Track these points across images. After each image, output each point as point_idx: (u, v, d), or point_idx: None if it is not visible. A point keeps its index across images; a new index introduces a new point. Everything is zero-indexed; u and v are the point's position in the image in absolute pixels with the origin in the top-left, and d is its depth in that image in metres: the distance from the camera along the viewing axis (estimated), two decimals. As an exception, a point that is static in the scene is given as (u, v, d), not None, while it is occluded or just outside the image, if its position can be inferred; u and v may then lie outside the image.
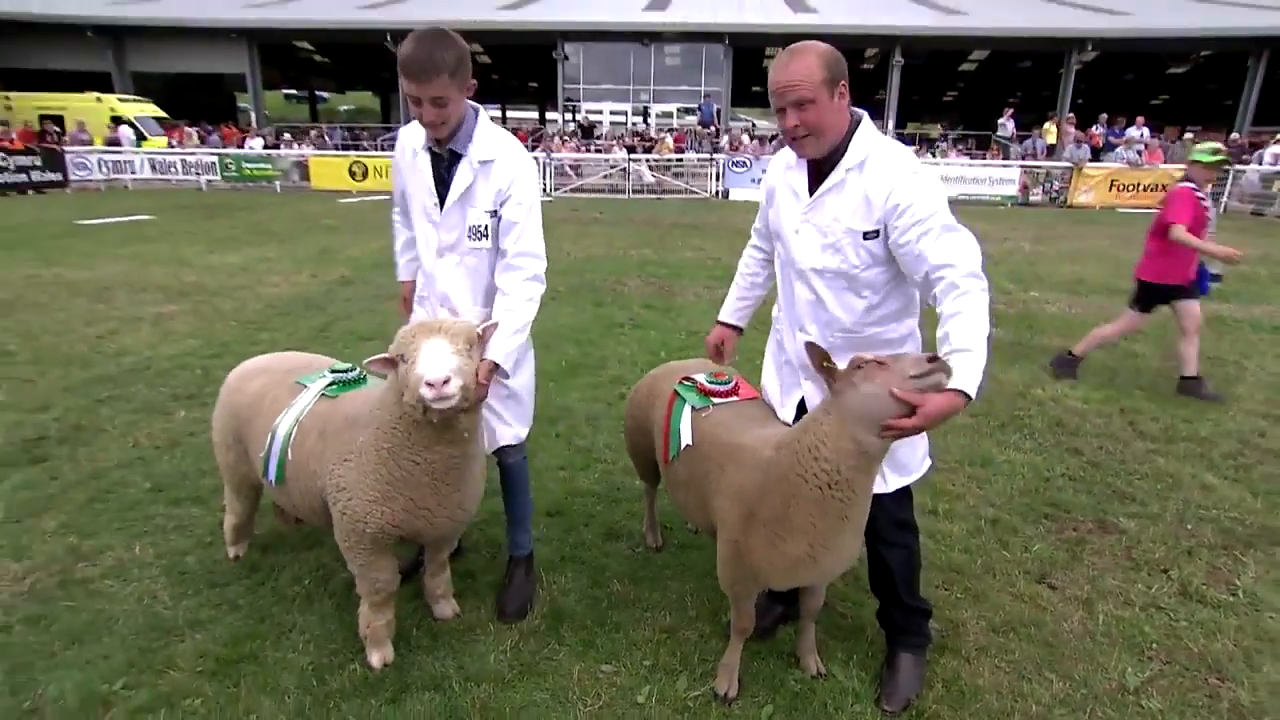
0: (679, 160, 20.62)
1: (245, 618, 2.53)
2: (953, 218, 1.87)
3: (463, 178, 2.27)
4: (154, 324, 6.23)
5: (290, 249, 10.32)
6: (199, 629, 2.46)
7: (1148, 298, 4.91)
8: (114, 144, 21.07)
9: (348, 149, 23.82)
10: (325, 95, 42.93)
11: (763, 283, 2.50)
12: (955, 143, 24.18)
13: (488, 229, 2.31)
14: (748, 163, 19.12)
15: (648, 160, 20.39)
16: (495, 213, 2.30)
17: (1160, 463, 3.88)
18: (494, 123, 2.36)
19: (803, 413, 2.15)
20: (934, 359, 1.69)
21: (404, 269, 2.71)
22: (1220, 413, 4.57)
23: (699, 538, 3.03)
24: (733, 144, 21.60)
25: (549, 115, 35.51)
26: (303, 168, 20.63)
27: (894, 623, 2.32)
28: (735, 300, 2.53)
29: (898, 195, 1.88)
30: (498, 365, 2.10)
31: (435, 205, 2.33)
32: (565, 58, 26.01)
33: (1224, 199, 16.60)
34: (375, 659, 2.31)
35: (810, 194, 2.04)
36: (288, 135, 24.39)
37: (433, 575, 2.55)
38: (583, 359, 5.45)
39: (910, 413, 1.67)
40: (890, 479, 2.12)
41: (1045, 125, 22.20)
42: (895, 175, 1.90)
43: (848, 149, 1.96)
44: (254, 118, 26.84)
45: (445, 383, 1.84)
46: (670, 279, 8.53)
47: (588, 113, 27.71)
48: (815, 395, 2.13)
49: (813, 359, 1.85)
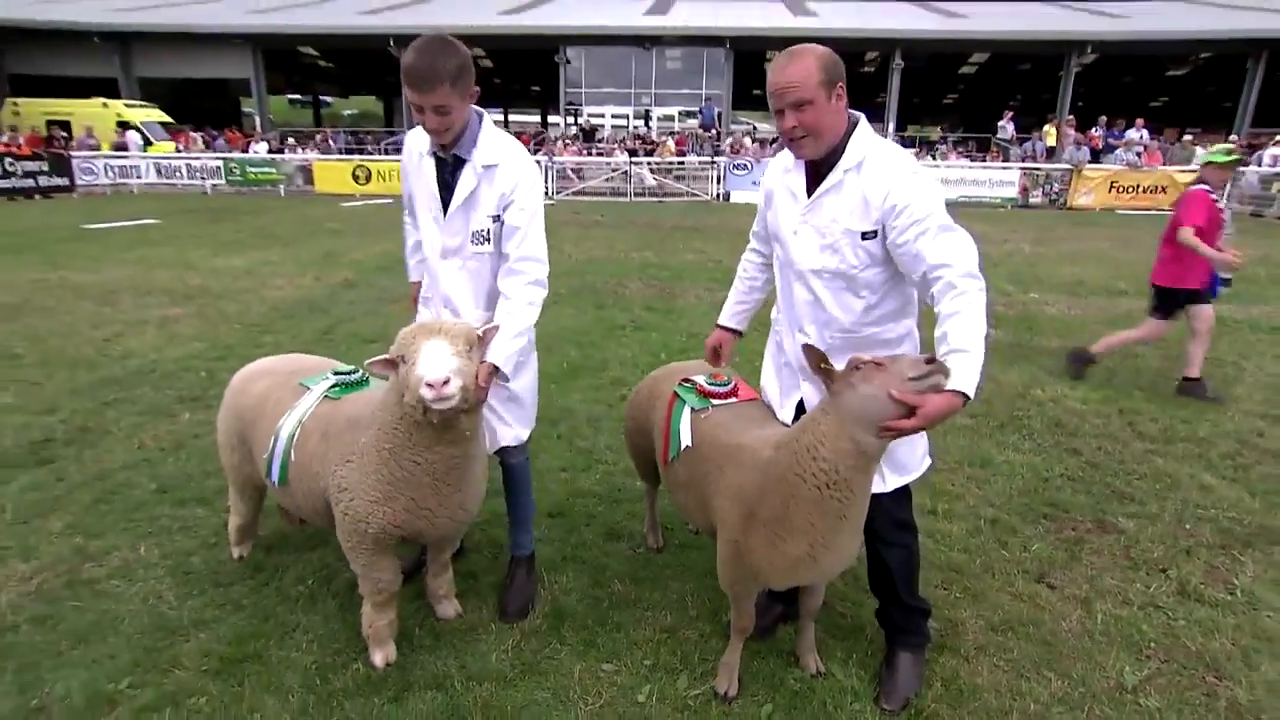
0: (680, 163, 20.65)
1: (249, 617, 2.54)
2: (950, 218, 1.88)
3: (466, 183, 2.29)
4: (159, 327, 6.26)
5: (294, 252, 10.35)
6: (204, 628, 2.48)
7: (1166, 303, 4.85)
8: (121, 149, 21.17)
9: (352, 153, 23.92)
10: (329, 100, 43.07)
11: (761, 287, 2.51)
12: (955, 145, 24.18)
13: (490, 233, 2.32)
14: (749, 165, 19.14)
15: (649, 163, 20.43)
16: (498, 218, 2.31)
17: (1159, 463, 3.88)
18: (497, 127, 2.38)
19: (802, 414, 2.15)
20: (932, 361, 1.70)
21: (414, 270, 2.73)
22: (1219, 413, 4.57)
23: (699, 538, 3.04)
24: (734, 147, 21.64)
25: (551, 119, 35.60)
26: (306, 172, 20.74)
27: (893, 622, 2.32)
28: (734, 304, 2.54)
29: (895, 196, 1.89)
30: (498, 368, 2.12)
31: (439, 210, 2.35)
32: (567, 62, 26.09)
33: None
34: (378, 658, 2.33)
35: (808, 195, 2.05)
36: (292, 139, 24.51)
37: (435, 575, 2.56)
38: (584, 361, 5.46)
39: (909, 414, 1.68)
40: (889, 478, 2.12)
41: (1045, 127, 22.20)
42: (893, 176, 1.91)
43: (845, 150, 1.97)
44: (258, 122, 26.95)
45: (445, 384, 1.86)
46: (671, 281, 8.53)
47: (589, 116, 27.77)
48: (814, 396, 2.13)
49: (809, 361, 1.86)
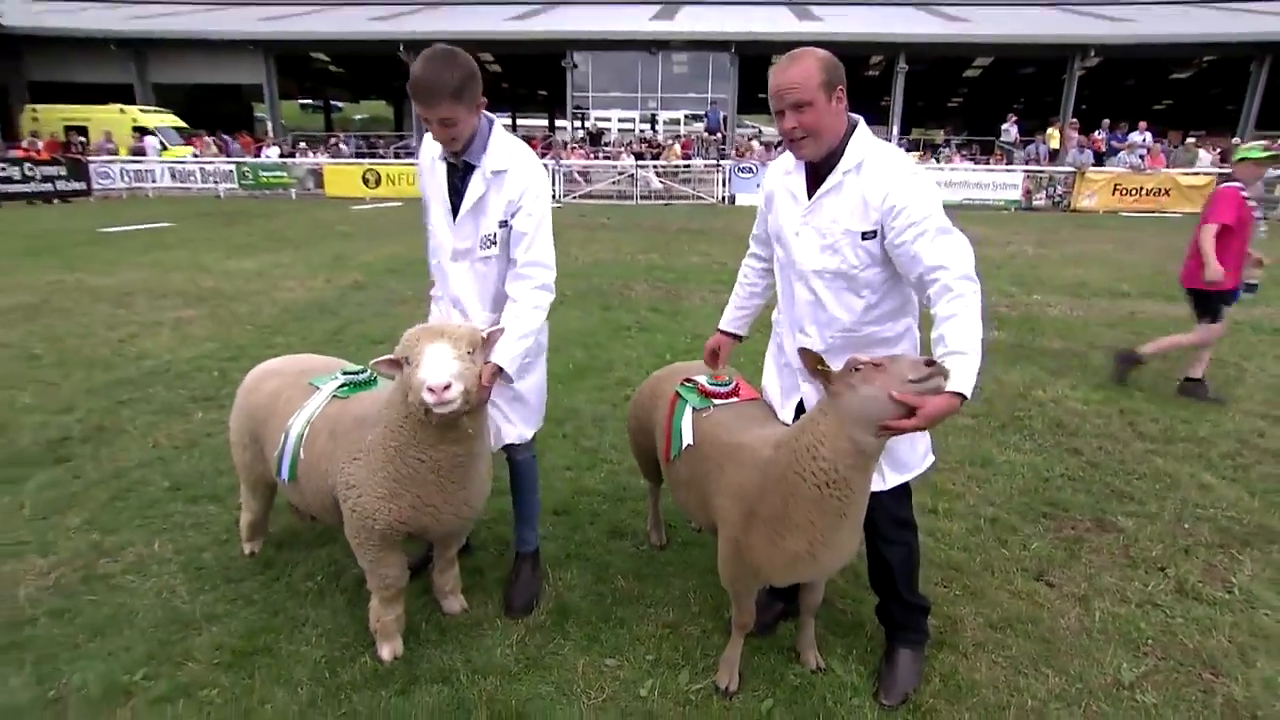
0: (686, 166, 20.71)
1: (260, 612, 2.59)
2: (947, 220, 1.91)
3: (475, 189, 2.33)
4: (173, 328, 6.35)
5: (305, 255, 10.43)
6: (215, 623, 2.53)
7: (1206, 305, 4.73)
8: (139, 153, 21.42)
9: (362, 157, 24.10)
10: (340, 105, 43.32)
11: (761, 292, 2.54)
12: (959, 148, 24.15)
13: (497, 238, 2.37)
14: (754, 168, 19.16)
15: (655, 166, 20.48)
16: (506, 223, 2.35)
17: (1159, 463, 3.89)
18: (507, 131, 2.41)
19: (802, 414, 2.17)
20: (931, 363, 1.72)
21: (435, 269, 2.77)
22: (1219, 414, 4.56)
23: (701, 536, 3.06)
24: (739, 150, 21.66)
25: (558, 123, 35.68)
26: (318, 175, 20.92)
27: (893, 619, 2.34)
28: (734, 309, 2.57)
29: (894, 197, 1.91)
30: (502, 369, 2.16)
31: (450, 213, 2.40)
32: (574, 66, 26.15)
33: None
34: (385, 652, 2.36)
35: (809, 197, 2.08)
36: (303, 144, 24.71)
37: (441, 571, 2.60)
38: (590, 361, 5.50)
39: (909, 414, 1.72)
40: (889, 476, 2.14)
41: (1048, 130, 22.15)
42: (892, 177, 1.94)
43: (845, 152, 2.00)
44: (271, 127, 27.18)
45: (446, 388, 1.90)
46: (676, 283, 8.56)
47: (596, 120, 27.87)
48: (814, 397, 2.16)
49: (806, 363, 1.87)
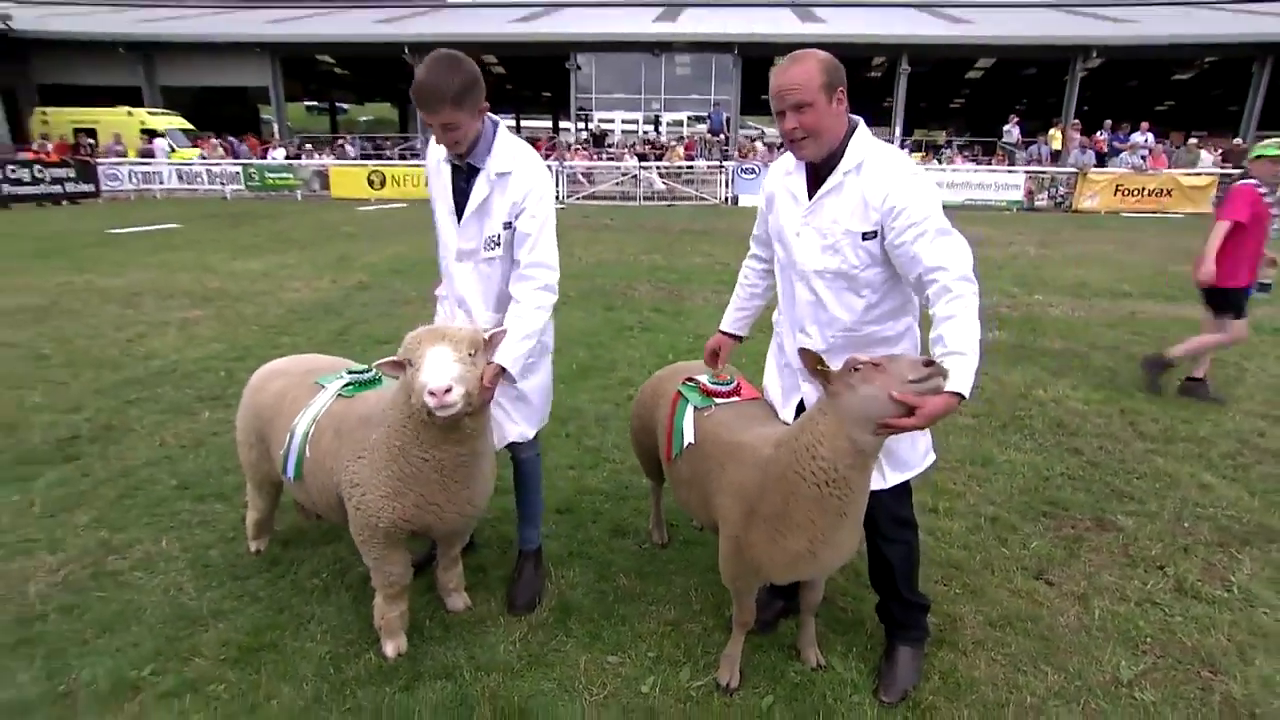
0: (689, 167, 20.71)
1: (266, 609, 2.62)
2: (947, 221, 1.92)
3: (479, 191, 2.36)
4: (180, 328, 6.39)
5: (310, 256, 10.48)
6: (222, 619, 2.55)
7: (1225, 303, 4.68)
8: (148, 155, 21.55)
9: (367, 159, 24.19)
10: (345, 106, 43.47)
11: (762, 293, 2.55)
12: (961, 149, 24.12)
13: (501, 239, 2.39)
14: (756, 170, 19.15)
15: (658, 168, 20.50)
16: (509, 224, 2.38)
17: (1159, 462, 3.89)
18: (511, 134, 2.44)
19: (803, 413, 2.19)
20: (930, 363, 1.74)
21: (444, 268, 2.81)
22: (1220, 413, 4.56)
23: (703, 535, 3.08)
24: (742, 151, 21.66)
25: (562, 124, 35.76)
26: (323, 177, 20.98)
27: (893, 617, 2.35)
28: (735, 310, 2.59)
29: (894, 198, 1.93)
30: (505, 370, 2.18)
31: (454, 215, 2.42)
32: (578, 68, 26.21)
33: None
34: (389, 649, 2.39)
35: (809, 198, 2.09)
36: (309, 145, 24.81)
37: (445, 569, 2.62)
38: (593, 361, 5.52)
39: (908, 414, 1.73)
40: (890, 475, 2.16)
41: (1050, 131, 22.08)
42: (892, 178, 1.95)
43: (845, 153, 2.02)
44: (277, 129, 27.31)
45: (447, 391, 1.92)
46: (679, 284, 8.57)
47: (600, 121, 27.95)
48: (814, 397, 2.16)
49: (805, 363, 1.89)
